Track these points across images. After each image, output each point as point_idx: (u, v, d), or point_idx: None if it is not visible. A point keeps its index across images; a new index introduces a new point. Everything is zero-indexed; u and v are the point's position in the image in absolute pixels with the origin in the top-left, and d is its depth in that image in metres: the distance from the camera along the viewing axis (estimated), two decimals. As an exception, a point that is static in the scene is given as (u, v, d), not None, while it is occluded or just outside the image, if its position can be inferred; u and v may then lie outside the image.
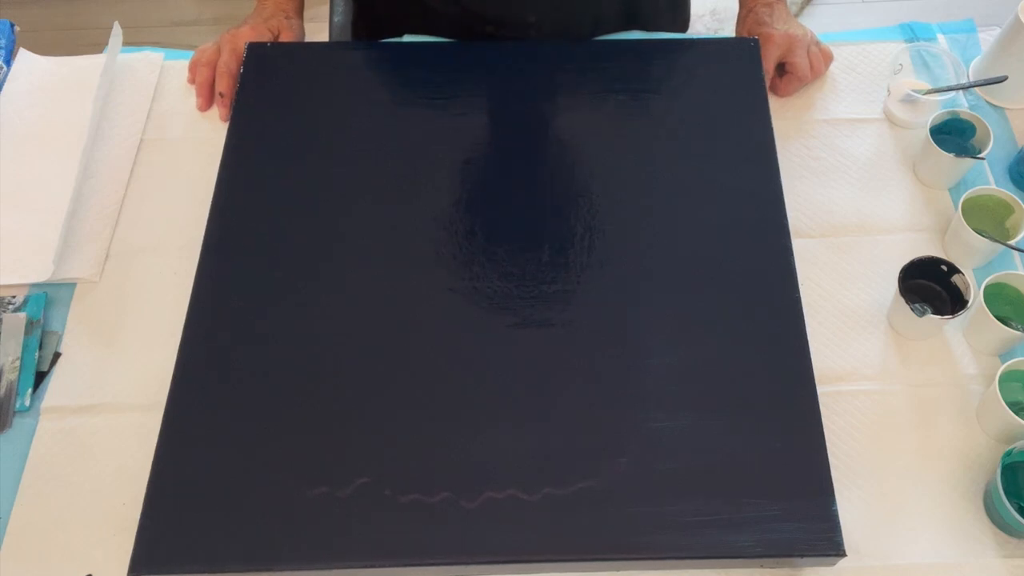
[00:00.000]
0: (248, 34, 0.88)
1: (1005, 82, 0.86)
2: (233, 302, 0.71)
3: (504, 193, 0.77)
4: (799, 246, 0.76)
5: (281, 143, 0.80)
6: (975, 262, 0.78)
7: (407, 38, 0.91)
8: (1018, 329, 0.71)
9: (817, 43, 0.90)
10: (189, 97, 0.90)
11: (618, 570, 0.65)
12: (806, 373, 0.67)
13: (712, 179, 0.77)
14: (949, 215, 0.81)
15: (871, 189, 0.84)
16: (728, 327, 0.70)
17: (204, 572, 0.62)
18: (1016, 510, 0.62)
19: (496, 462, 0.64)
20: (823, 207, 0.82)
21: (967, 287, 0.72)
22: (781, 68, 0.88)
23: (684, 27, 1.06)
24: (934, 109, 0.85)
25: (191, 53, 0.91)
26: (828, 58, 0.90)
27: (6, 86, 0.91)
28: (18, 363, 0.74)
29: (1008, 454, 0.66)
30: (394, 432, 0.65)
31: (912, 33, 0.94)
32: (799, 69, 0.87)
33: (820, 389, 0.67)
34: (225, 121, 0.87)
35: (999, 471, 0.64)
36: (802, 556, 0.62)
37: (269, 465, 0.64)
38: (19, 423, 0.72)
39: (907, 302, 0.72)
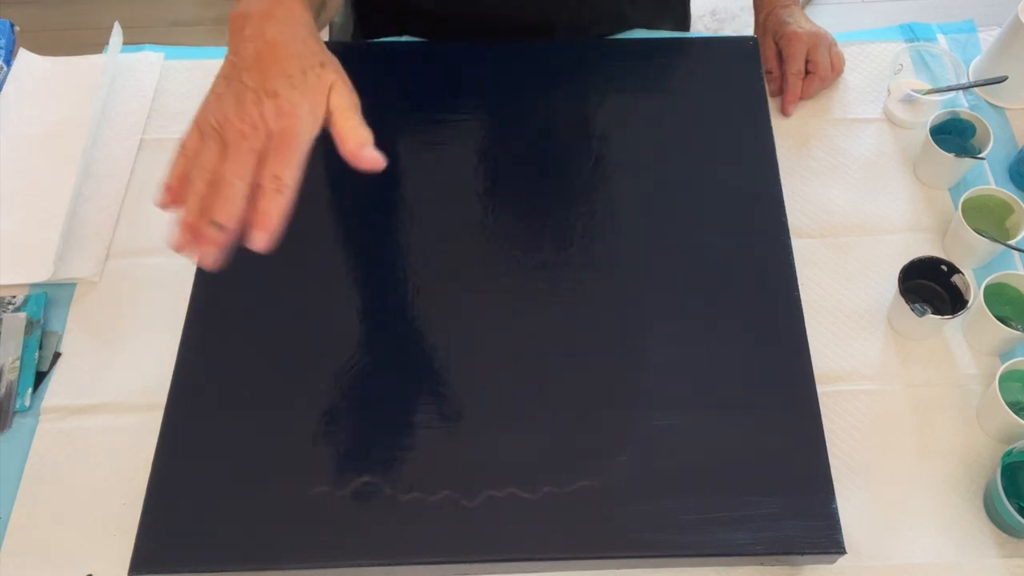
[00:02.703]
0: None
1: (1005, 82, 0.86)
2: (233, 302, 0.71)
3: (503, 192, 0.77)
4: (799, 246, 0.76)
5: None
6: (975, 262, 0.78)
7: (406, 38, 0.91)
8: (1018, 329, 0.71)
9: (835, 43, 0.90)
10: (189, 97, 0.90)
11: (619, 568, 0.65)
12: (806, 372, 0.67)
13: (712, 179, 0.77)
14: (949, 215, 0.81)
15: (871, 189, 0.84)
16: (728, 326, 0.69)
17: (204, 572, 0.62)
18: (1016, 510, 0.62)
19: (496, 460, 0.64)
20: (823, 207, 0.82)
21: (967, 287, 0.72)
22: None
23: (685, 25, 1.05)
24: (934, 109, 0.85)
25: (191, 53, 0.91)
26: (842, 62, 0.90)
27: (6, 86, 0.91)
28: (18, 363, 0.74)
29: (1008, 454, 0.66)
30: (394, 431, 0.65)
31: (912, 33, 0.94)
32: (821, 68, 0.87)
33: (820, 389, 0.67)
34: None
35: (999, 471, 0.64)
36: (802, 554, 0.62)
37: (269, 465, 0.64)
38: (19, 423, 0.72)
39: (907, 302, 0.72)
